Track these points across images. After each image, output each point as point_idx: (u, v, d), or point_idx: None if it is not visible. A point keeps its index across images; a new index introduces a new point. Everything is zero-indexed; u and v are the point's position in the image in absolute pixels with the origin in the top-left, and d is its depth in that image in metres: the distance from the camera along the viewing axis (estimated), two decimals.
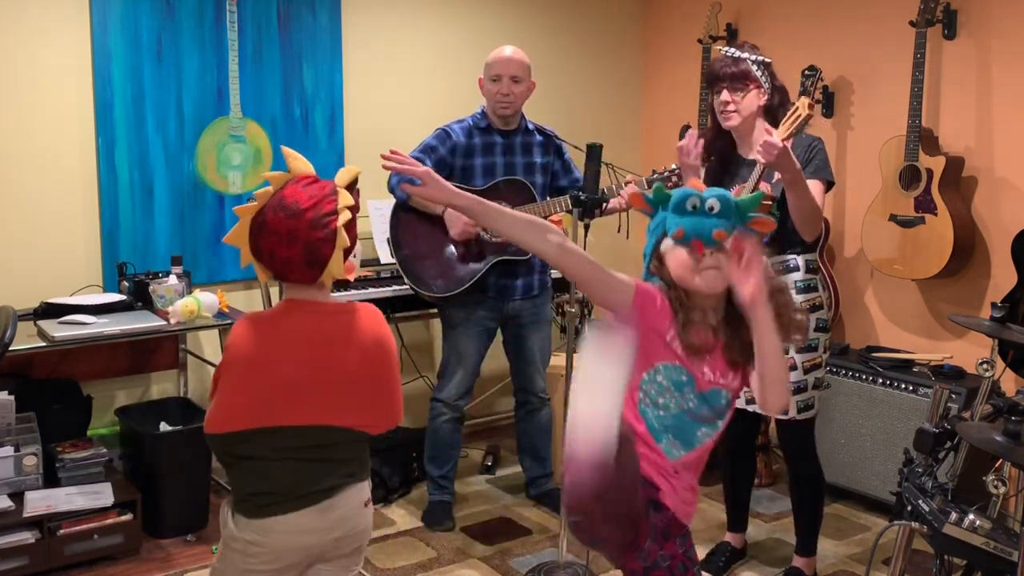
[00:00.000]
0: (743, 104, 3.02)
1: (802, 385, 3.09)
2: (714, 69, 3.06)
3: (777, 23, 4.60)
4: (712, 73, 3.07)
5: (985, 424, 2.46)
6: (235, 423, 1.98)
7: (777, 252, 3.07)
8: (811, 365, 3.10)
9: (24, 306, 3.43)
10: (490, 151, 3.66)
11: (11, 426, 3.41)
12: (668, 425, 2.02)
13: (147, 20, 3.80)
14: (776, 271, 3.09)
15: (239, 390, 1.98)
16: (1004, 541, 2.15)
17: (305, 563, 2.08)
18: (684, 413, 2.02)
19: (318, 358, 1.99)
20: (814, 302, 3.09)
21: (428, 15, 4.55)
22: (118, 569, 3.39)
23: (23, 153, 3.65)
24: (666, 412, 2.01)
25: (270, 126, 4.13)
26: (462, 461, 4.15)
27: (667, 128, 4.96)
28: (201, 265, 4.00)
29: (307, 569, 2.11)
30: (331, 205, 1.96)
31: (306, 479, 2.01)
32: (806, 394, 3.10)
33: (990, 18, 3.81)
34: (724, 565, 3.39)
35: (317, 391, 1.99)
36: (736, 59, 3.01)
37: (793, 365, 3.08)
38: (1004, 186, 3.82)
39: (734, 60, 3.01)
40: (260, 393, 1.97)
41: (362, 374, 2.04)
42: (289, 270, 1.97)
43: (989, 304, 3.34)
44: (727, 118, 3.05)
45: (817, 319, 3.10)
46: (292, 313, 2.03)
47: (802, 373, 3.08)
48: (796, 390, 3.08)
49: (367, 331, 2.06)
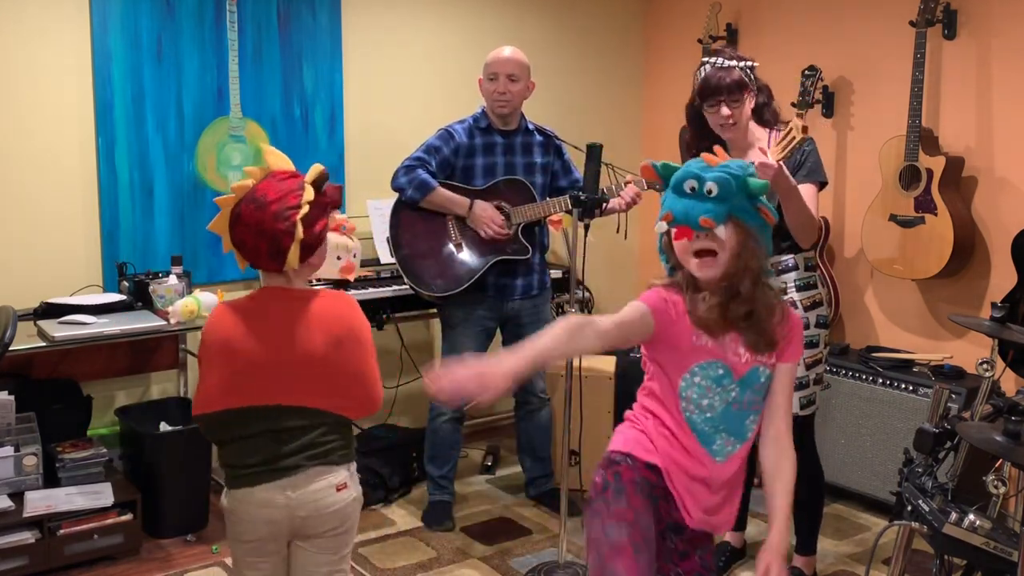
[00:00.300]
0: (741, 115, 3.00)
1: (804, 381, 3.09)
2: (711, 83, 2.98)
3: (777, 23, 4.60)
4: (709, 87, 2.97)
5: (985, 424, 2.46)
6: (213, 403, 2.13)
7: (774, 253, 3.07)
8: (812, 361, 3.10)
9: (24, 306, 3.43)
10: (490, 151, 3.66)
11: (11, 426, 3.41)
12: (718, 423, 2.02)
13: (147, 20, 3.80)
14: (778, 271, 3.10)
15: (214, 372, 2.12)
16: (1004, 541, 2.15)
17: (280, 537, 2.19)
18: (730, 405, 2.02)
19: (283, 341, 2.12)
20: (813, 299, 3.10)
21: (428, 15, 4.55)
22: (118, 569, 3.39)
23: (23, 153, 3.65)
24: (713, 412, 2.01)
25: (270, 126, 4.13)
26: (462, 461, 4.15)
27: (667, 128, 4.96)
28: (201, 265, 4.00)
29: (290, 546, 2.22)
30: (296, 199, 2.07)
31: (271, 456, 2.13)
32: (808, 390, 3.11)
33: (990, 18, 3.81)
34: (724, 565, 3.40)
35: (283, 372, 2.11)
36: (729, 69, 2.96)
37: None
38: (1004, 186, 3.82)
39: (727, 70, 2.96)
40: (232, 374, 2.11)
41: (327, 357, 2.13)
42: (258, 258, 2.11)
43: (989, 304, 3.34)
44: (727, 131, 3.01)
45: (817, 315, 3.11)
46: (263, 299, 2.17)
47: (804, 369, 3.09)
48: (798, 386, 3.08)
49: (333, 315, 2.17)
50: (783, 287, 3.10)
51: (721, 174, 1.92)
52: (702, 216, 1.89)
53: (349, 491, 2.21)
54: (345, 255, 3.94)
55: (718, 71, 2.97)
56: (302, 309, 2.15)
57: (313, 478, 2.15)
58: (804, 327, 3.07)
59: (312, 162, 4.53)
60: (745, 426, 2.06)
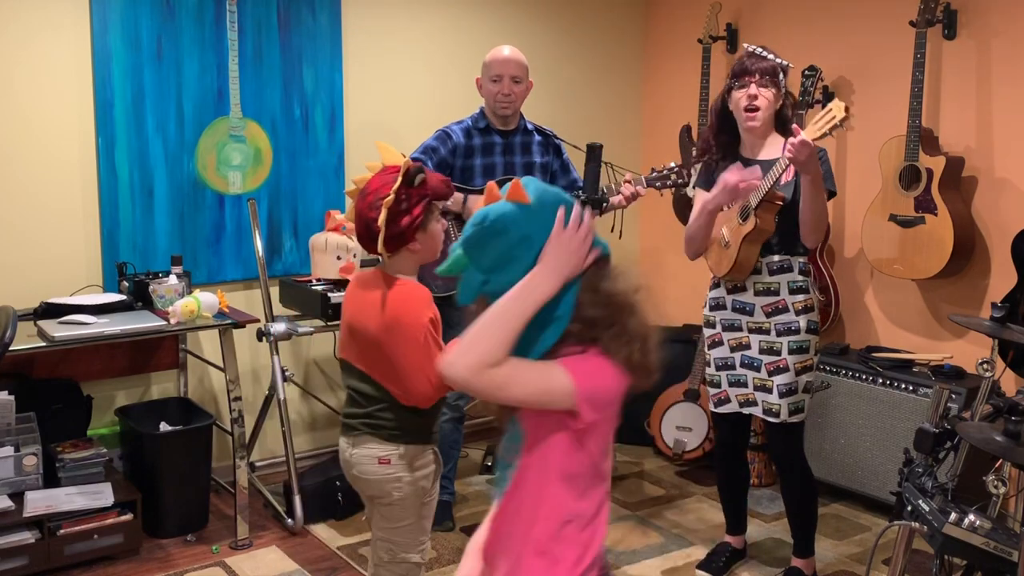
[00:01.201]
0: (767, 103, 3.02)
1: (793, 387, 3.09)
2: (744, 63, 3.03)
3: (777, 23, 4.60)
4: (741, 67, 3.03)
5: (985, 424, 2.46)
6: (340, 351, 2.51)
7: (775, 253, 3.08)
8: (802, 367, 3.10)
9: (24, 306, 3.43)
10: (489, 151, 3.66)
11: (11, 426, 3.41)
12: None
13: (147, 20, 3.80)
14: (772, 270, 3.10)
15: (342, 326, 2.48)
16: (1004, 541, 2.15)
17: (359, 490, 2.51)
18: None
19: (363, 314, 2.37)
20: (805, 303, 3.10)
21: (428, 16, 4.55)
22: (118, 569, 3.39)
23: (23, 153, 3.65)
24: None
25: (270, 126, 4.13)
26: (462, 461, 4.15)
27: (667, 128, 4.96)
28: (201, 265, 4.00)
29: None
30: (387, 190, 2.28)
31: (348, 413, 2.45)
32: (796, 396, 3.10)
33: (990, 18, 3.81)
34: (724, 565, 3.39)
35: (359, 341, 2.39)
36: (763, 56, 3.02)
37: (785, 367, 3.08)
38: (1004, 186, 3.82)
39: (763, 58, 3.01)
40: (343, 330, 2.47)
41: (379, 340, 2.32)
42: (361, 241, 2.37)
43: (989, 304, 3.34)
44: (752, 115, 3.03)
45: (808, 320, 3.10)
46: (367, 275, 2.45)
47: (794, 375, 3.08)
48: (787, 392, 3.08)
49: (390, 303, 2.33)
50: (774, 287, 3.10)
51: None
52: None
53: (390, 469, 2.38)
54: (345, 255, 3.95)
55: (755, 57, 3.03)
56: (379, 291, 2.35)
57: (363, 443, 2.40)
58: (795, 332, 3.08)
59: (312, 162, 4.54)
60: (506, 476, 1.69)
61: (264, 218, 4.14)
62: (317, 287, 3.89)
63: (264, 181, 4.14)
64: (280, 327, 3.77)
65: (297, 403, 4.34)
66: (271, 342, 3.79)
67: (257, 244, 3.89)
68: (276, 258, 4.20)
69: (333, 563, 3.47)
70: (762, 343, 3.12)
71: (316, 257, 3.98)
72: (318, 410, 4.40)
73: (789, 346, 3.09)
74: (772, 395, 3.10)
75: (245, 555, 3.52)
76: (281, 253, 4.23)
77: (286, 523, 3.71)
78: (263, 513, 3.86)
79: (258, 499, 3.92)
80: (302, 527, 3.70)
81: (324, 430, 4.40)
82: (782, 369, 3.08)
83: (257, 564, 3.45)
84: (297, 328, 3.83)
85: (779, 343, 3.10)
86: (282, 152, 4.17)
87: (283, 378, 3.79)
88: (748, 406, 3.17)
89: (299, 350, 4.35)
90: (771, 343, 3.10)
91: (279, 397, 3.79)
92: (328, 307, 3.75)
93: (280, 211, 4.20)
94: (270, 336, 3.75)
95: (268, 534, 3.69)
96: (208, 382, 4.15)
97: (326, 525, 3.76)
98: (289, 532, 3.69)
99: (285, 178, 4.19)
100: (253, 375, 4.20)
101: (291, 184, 4.21)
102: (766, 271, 3.11)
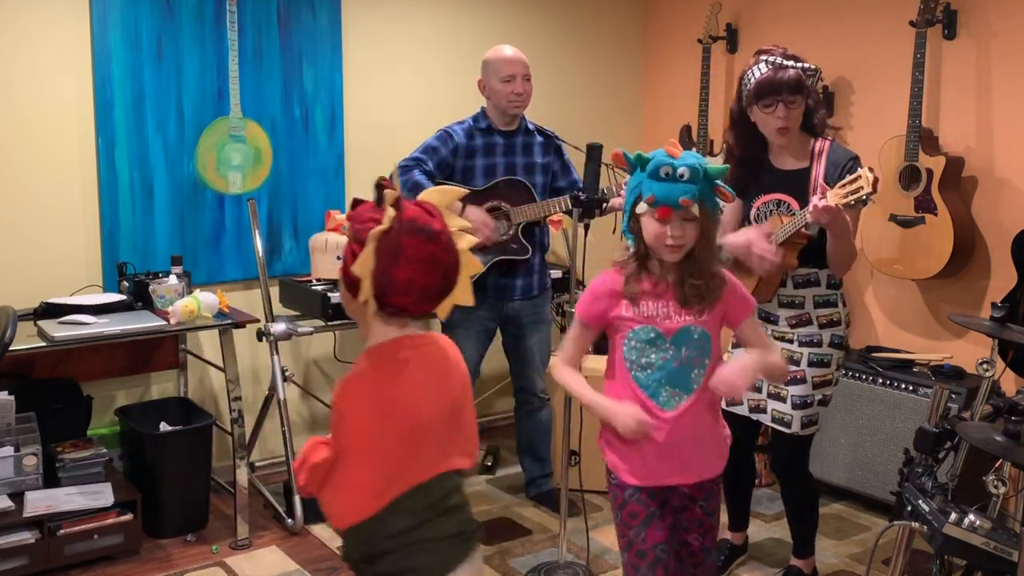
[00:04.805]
0: (795, 119, 2.89)
1: (808, 400, 3.00)
2: (769, 82, 2.82)
3: (777, 23, 4.60)
4: (766, 86, 2.82)
5: (985, 424, 2.47)
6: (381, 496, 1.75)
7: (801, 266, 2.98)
8: (821, 381, 3.01)
9: (24, 306, 3.43)
10: (491, 152, 3.67)
11: (11, 426, 3.41)
12: (662, 378, 2.27)
13: (147, 20, 3.80)
14: (797, 283, 3.02)
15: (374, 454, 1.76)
16: (1004, 541, 2.15)
17: None
18: (671, 361, 2.27)
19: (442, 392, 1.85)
20: (831, 317, 3.01)
21: (428, 15, 4.55)
22: (118, 569, 3.39)
23: (23, 153, 3.65)
24: (652, 368, 2.27)
25: (270, 126, 4.13)
26: None
27: (667, 128, 4.96)
28: (201, 265, 4.00)
29: None
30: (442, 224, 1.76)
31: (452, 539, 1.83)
32: (811, 409, 3.02)
33: (990, 18, 3.81)
34: (723, 563, 3.39)
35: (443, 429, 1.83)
36: (785, 67, 2.82)
37: (802, 378, 3.00)
38: (1004, 186, 3.82)
39: (783, 69, 2.81)
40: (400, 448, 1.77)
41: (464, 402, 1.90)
42: (425, 300, 1.76)
43: (989, 304, 3.34)
44: (782, 136, 2.89)
45: (832, 335, 3.01)
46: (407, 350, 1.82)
47: (810, 388, 3.00)
48: (801, 404, 3.01)
49: (456, 357, 1.93)
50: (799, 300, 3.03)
51: (690, 161, 2.17)
52: (682, 196, 2.15)
53: None
54: None
55: (776, 69, 2.83)
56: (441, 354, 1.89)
57: None
58: (816, 344, 3.03)
59: (312, 162, 4.52)
60: (690, 379, 2.29)
61: (264, 218, 4.14)
62: (317, 287, 3.90)
63: (264, 181, 4.14)
64: (280, 327, 3.77)
65: (297, 403, 4.34)
66: (271, 342, 3.79)
67: (257, 244, 3.89)
68: (276, 258, 4.20)
69: (333, 563, 3.47)
70: (783, 352, 3.00)
71: (316, 257, 3.98)
72: (318, 410, 4.40)
73: (809, 358, 3.00)
74: (785, 404, 3.03)
75: (245, 555, 3.52)
76: (281, 253, 4.23)
77: (286, 523, 3.71)
78: (263, 513, 3.86)
79: (258, 499, 3.92)
80: (302, 527, 3.70)
81: (324, 430, 4.40)
82: (799, 380, 3.00)
83: (257, 564, 3.45)
84: (297, 328, 3.83)
85: (799, 353, 3.00)
86: (282, 152, 4.17)
87: (283, 378, 3.79)
88: (756, 412, 3.12)
89: (299, 350, 4.35)
90: (791, 352, 3.01)
91: (279, 397, 3.79)
92: (328, 307, 3.76)
93: (280, 211, 4.20)
94: (270, 336, 3.75)
95: (268, 534, 3.69)
96: (208, 382, 4.15)
97: (326, 525, 3.75)
98: (289, 532, 3.69)
99: (285, 178, 4.19)
100: (253, 375, 4.21)
101: (291, 184, 4.21)
102: (791, 284, 3.01)
